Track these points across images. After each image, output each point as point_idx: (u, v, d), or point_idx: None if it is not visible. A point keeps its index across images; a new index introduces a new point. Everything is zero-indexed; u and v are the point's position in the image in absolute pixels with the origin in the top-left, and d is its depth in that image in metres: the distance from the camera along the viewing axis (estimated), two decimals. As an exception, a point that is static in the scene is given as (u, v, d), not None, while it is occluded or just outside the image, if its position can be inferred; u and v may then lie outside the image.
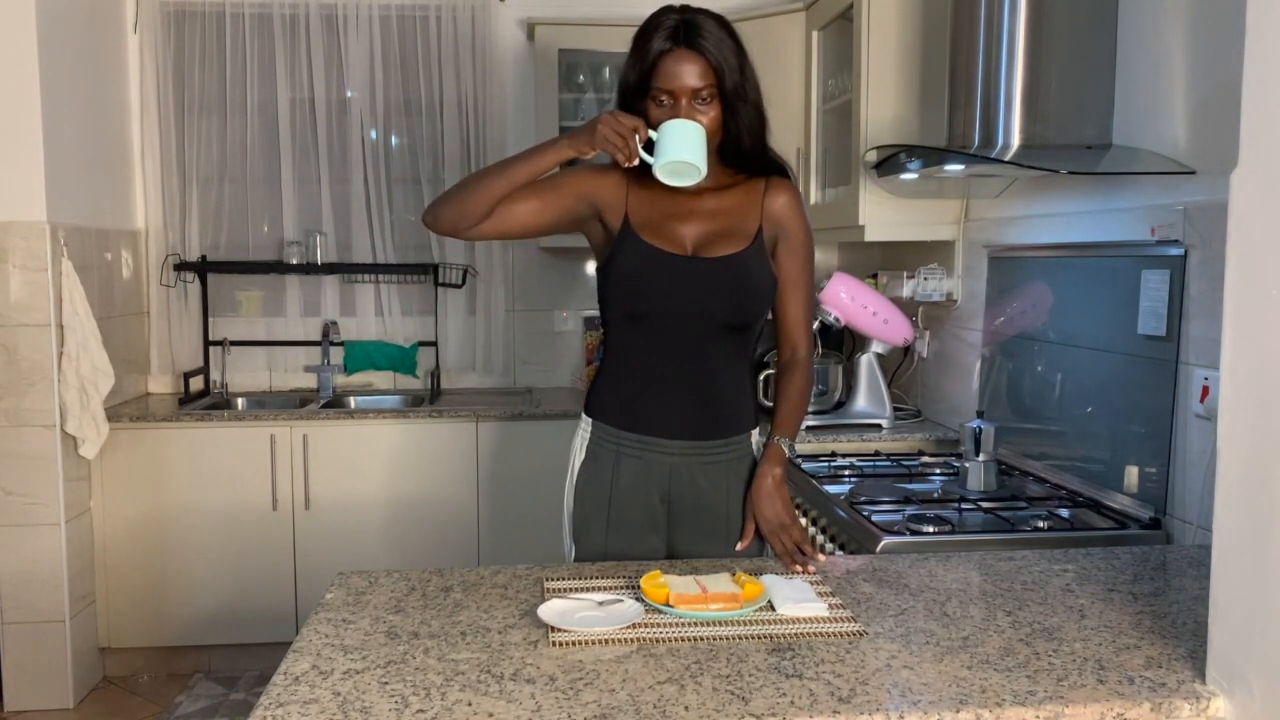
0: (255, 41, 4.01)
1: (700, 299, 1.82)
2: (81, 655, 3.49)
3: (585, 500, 1.91)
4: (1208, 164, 2.06)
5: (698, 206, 1.87)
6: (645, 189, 1.86)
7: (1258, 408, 1.20)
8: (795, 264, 1.90)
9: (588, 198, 1.87)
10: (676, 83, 1.74)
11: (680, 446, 1.87)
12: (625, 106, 1.81)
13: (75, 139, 3.53)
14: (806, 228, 1.91)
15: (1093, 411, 2.38)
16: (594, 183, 1.88)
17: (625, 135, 1.70)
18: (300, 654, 1.34)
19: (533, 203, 1.84)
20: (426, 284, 4.17)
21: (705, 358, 1.85)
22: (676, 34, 1.75)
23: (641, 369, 1.88)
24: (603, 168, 1.89)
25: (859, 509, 2.21)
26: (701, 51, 1.74)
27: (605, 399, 1.92)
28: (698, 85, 1.75)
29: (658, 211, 1.86)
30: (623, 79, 1.83)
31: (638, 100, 1.79)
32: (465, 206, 1.80)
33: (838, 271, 3.30)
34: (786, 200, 1.89)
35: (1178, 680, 1.26)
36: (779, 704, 1.18)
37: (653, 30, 1.77)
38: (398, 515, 3.67)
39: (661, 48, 1.75)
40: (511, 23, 4.14)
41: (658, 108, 1.77)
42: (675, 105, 1.75)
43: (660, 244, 1.83)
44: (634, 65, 1.78)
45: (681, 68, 1.74)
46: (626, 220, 1.85)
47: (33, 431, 3.33)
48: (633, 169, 1.78)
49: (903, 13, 3.05)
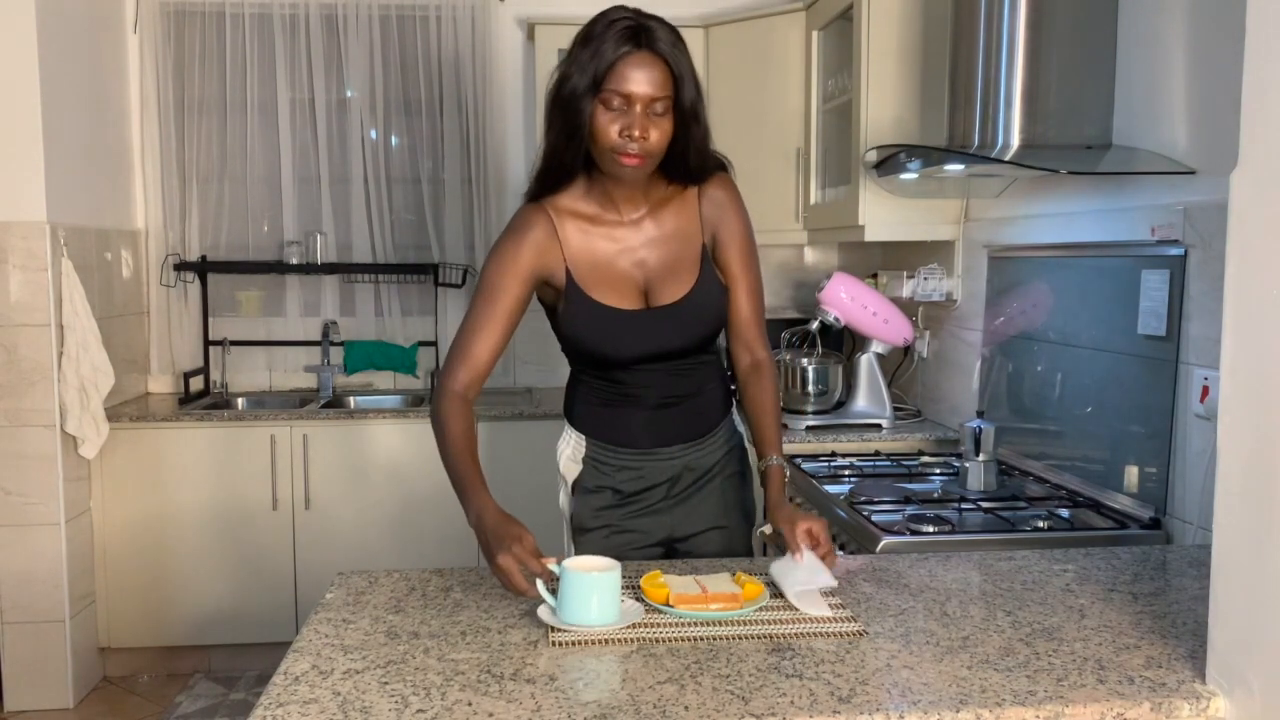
0: (255, 41, 4.01)
1: (659, 343, 1.80)
2: (81, 655, 3.49)
3: (586, 510, 1.91)
4: (1208, 164, 2.05)
5: (639, 238, 1.79)
6: (576, 232, 1.77)
7: (1258, 408, 1.19)
8: (735, 258, 1.83)
9: (529, 279, 1.76)
10: (634, 87, 1.62)
11: (674, 450, 1.89)
12: (567, 109, 1.66)
13: (75, 139, 3.53)
14: (743, 218, 1.84)
15: (1093, 411, 2.38)
16: (526, 261, 1.75)
17: (520, 588, 1.44)
18: (300, 654, 1.34)
19: (493, 338, 1.73)
20: (426, 284, 4.17)
21: (679, 378, 1.86)
22: (636, 36, 1.63)
23: (618, 397, 1.87)
24: (523, 236, 1.76)
25: (859, 509, 2.21)
26: (663, 57, 1.63)
27: (590, 418, 1.90)
28: (655, 94, 1.63)
29: (599, 258, 1.77)
30: (564, 81, 1.66)
31: (584, 103, 1.64)
32: None
33: (838, 271, 3.30)
34: (721, 197, 1.82)
35: (1178, 680, 1.25)
36: (779, 704, 1.18)
37: (605, 28, 1.64)
38: (398, 515, 3.67)
39: (621, 49, 1.62)
40: (511, 23, 4.14)
41: (608, 111, 1.64)
42: (629, 111, 1.63)
43: (610, 300, 1.77)
44: (585, 65, 1.63)
45: (641, 72, 1.62)
46: (569, 276, 1.76)
47: (33, 431, 3.33)
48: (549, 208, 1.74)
49: (903, 13, 3.05)
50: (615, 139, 1.64)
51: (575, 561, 1.46)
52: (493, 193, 4.13)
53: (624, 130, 1.64)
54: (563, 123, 1.68)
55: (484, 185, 4.12)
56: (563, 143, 1.70)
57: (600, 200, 1.78)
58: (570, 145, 1.69)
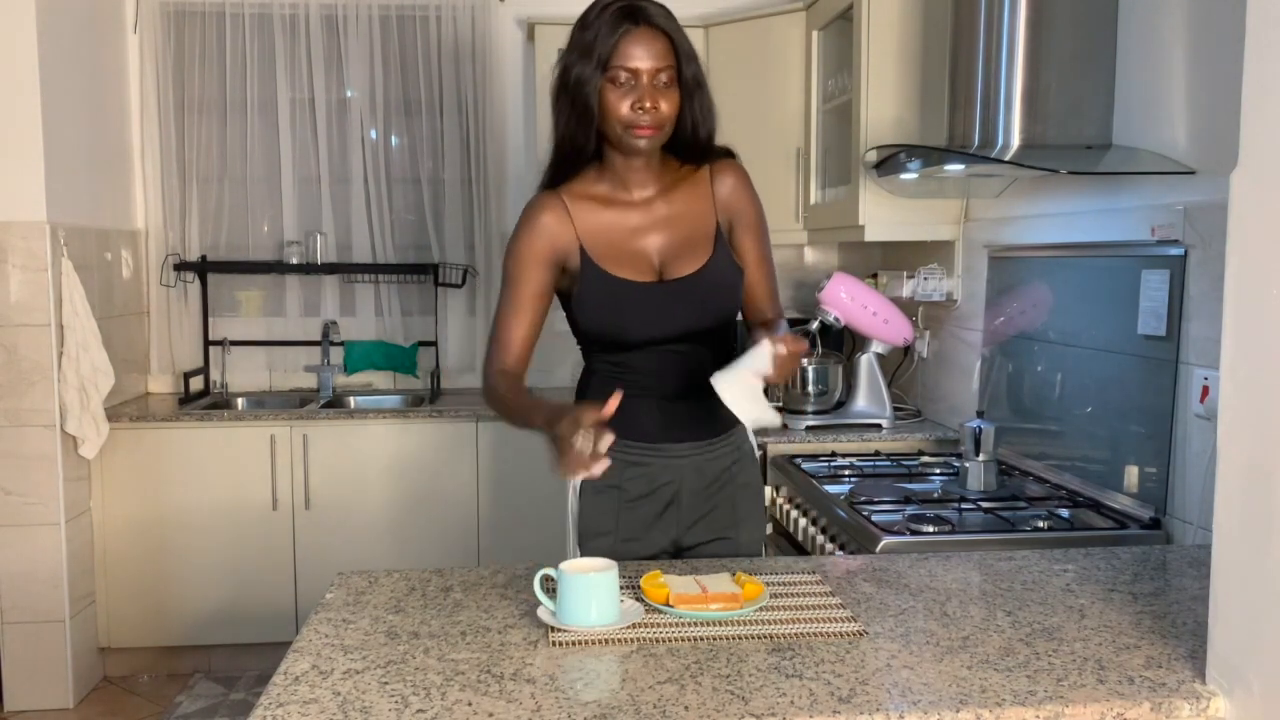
0: (255, 41, 4.01)
1: (674, 321, 1.82)
2: (81, 655, 3.49)
3: (592, 508, 1.90)
4: (1208, 164, 2.05)
5: (652, 216, 1.83)
6: (589, 212, 1.82)
7: (1258, 408, 1.20)
8: (754, 244, 1.89)
9: (547, 263, 1.82)
10: (639, 62, 1.69)
11: (686, 449, 1.88)
12: (576, 95, 1.73)
13: (75, 139, 3.53)
14: (756, 202, 1.90)
15: (1093, 411, 2.38)
16: (542, 245, 1.81)
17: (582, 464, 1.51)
18: (300, 654, 1.34)
19: (523, 325, 1.83)
20: (426, 284, 4.17)
21: (692, 365, 1.85)
22: (633, 14, 1.70)
23: (629, 384, 1.85)
24: (536, 219, 1.82)
25: (859, 509, 2.21)
26: (663, 30, 1.71)
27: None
28: (659, 65, 1.70)
29: (613, 234, 1.82)
30: (568, 70, 1.73)
31: (591, 86, 1.71)
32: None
33: (838, 271, 3.30)
34: (734, 182, 1.87)
35: (1178, 680, 1.25)
36: (779, 704, 1.18)
37: (600, 12, 1.71)
38: (398, 515, 3.67)
39: (621, 27, 1.69)
40: (511, 22, 4.14)
41: (616, 87, 1.71)
42: (637, 85, 1.70)
43: (625, 273, 1.80)
44: (588, 49, 1.70)
45: (642, 47, 1.69)
46: (583, 253, 1.80)
47: (33, 431, 3.33)
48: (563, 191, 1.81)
49: (903, 13, 3.05)
50: (627, 113, 1.71)
51: (573, 563, 1.46)
52: (493, 193, 4.13)
53: (635, 104, 1.71)
54: (572, 109, 1.75)
55: (484, 185, 4.12)
56: (574, 129, 1.76)
57: (612, 182, 1.83)
58: (582, 129, 1.75)
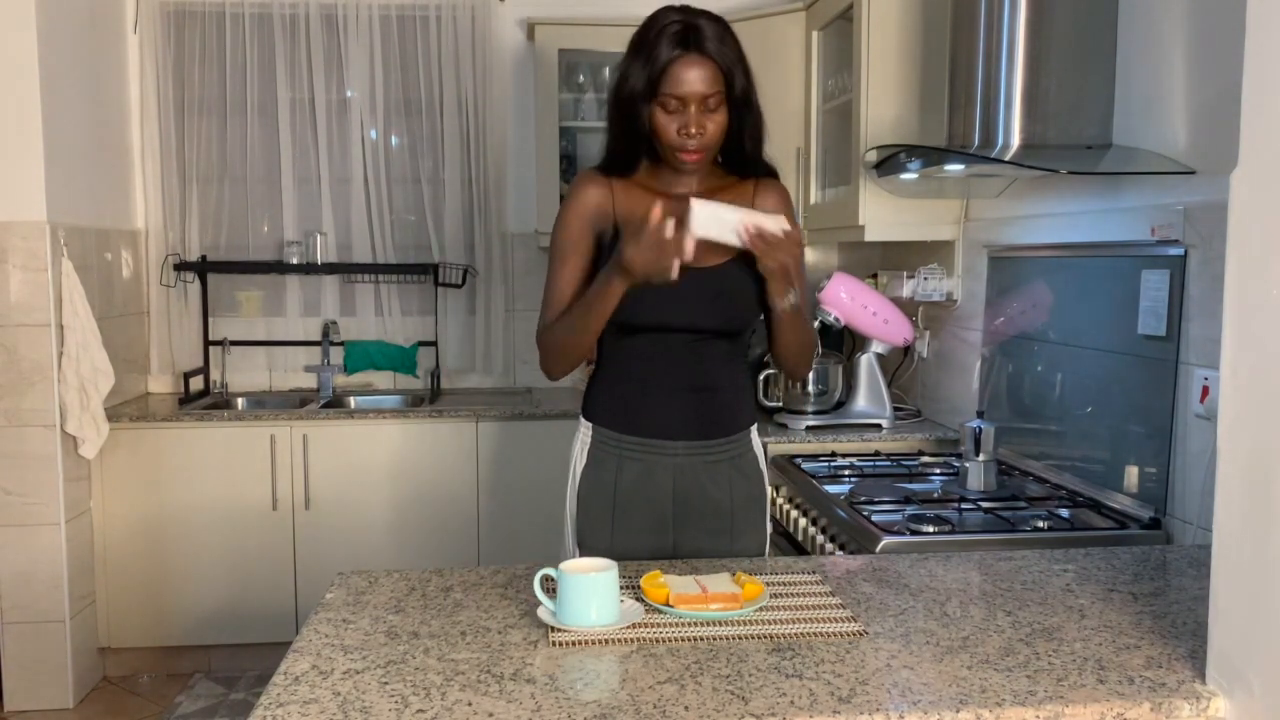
0: (255, 41, 4.01)
1: (689, 311, 1.82)
2: (81, 655, 3.49)
3: (589, 504, 1.91)
4: (1208, 164, 2.05)
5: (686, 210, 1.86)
6: (628, 194, 1.86)
7: (1258, 408, 1.20)
8: None
9: (593, 229, 1.87)
10: (687, 89, 1.73)
11: (682, 447, 1.88)
12: (625, 111, 1.79)
13: (75, 139, 3.53)
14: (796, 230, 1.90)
15: (1093, 411, 2.38)
16: (589, 213, 1.87)
17: (666, 253, 1.64)
18: (300, 654, 1.34)
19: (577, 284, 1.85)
20: (426, 284, 4.17)
21: (700, 362, 1.86)
22: (685, 39, 1.73)
23: (638, 375, 1.88)
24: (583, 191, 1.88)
25: (859, 509, 2.21)
26: (711, 56, 1.73)
27: (603, 403, 1.92)
28: (707, 91, 1.74)
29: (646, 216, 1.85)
30: (623, 83, 1.79)
31: (642, 105, 1.76)
32: (577, 355, 1.85)
33: (838, 271, 3.30)
34: (776, 203, 1.89)
35: (1178, 680, 1.25)
36: (779, 704, 1.18)
37: (657, 33, 1.74)
38: (398, 515, 3.67)
39: (671, 54, 1.72)
40: (511, 23, 4.14)
41: (667, 113, 1.76)
42: (684, 111, 1.74)
43: None
44: (640, 70, 1.75)
45: (692, 73, 1.73)
46: (617, 232, 1.84)
47: (33, 431, 3.33)
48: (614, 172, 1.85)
49: (903, 13, 3.05)
50: (674, 137, 1.77)
51: (573, 563, 1.46)
52: (493, 193, 4.13)
53: (681, 129, 1.76)
54: (622, 124, 1.82)
55: (484, 185, 4.12)
56: (622, 142, 1.84)
57: (659, 178, 1.88)
58: (628, 144, 1.83)
